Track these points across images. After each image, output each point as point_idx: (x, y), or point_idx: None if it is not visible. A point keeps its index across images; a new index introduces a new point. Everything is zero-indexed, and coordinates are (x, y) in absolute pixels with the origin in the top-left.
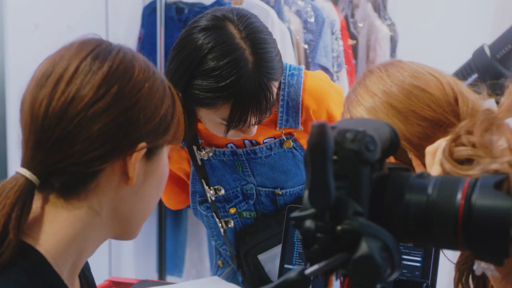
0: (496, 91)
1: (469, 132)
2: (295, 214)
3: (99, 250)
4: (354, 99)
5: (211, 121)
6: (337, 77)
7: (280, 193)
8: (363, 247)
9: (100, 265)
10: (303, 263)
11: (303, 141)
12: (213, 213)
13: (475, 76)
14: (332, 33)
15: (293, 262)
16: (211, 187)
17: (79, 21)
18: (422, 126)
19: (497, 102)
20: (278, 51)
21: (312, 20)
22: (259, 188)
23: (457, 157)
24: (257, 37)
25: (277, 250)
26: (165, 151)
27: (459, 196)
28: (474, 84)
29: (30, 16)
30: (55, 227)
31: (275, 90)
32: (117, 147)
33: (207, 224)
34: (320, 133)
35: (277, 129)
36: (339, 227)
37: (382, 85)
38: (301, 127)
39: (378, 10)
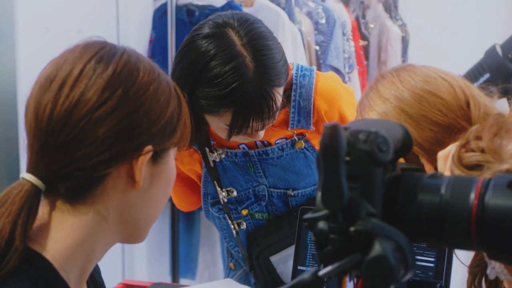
0: (508, 90)
1: (478, 138)
2: (308, 215)
3: (112, 253)
4: (366, 104)
5: (217, 127)
6: (348, 78)
7: (292, 194)
8: (377, 248)
9: (114, 268)
10: (316, 265)
11: (315, 142)
12: (226, 214)
13: (487, 75)
14: (343, 34)
15: (307, 264)
16: (224, 189)
17: (89, 25)
18: (433, 131)
19: (510, 102)
20: (283, 55)
21: (323, 21)
22: (271, 189)
23: (466, 163)
24: (258, 43)
25: (289, 251)
26: (172, 153)
27: (472, 196)
28: (486, 85)
29: (41, 20)
30: (61, 233)
31: (278, 96)
32: (122, 151)
33: (219, 226)
34: (332, 134)
35: (289, 129)
36: (352, 228)
37: (394, 90)
38: (312, 128)
39: (389, 10)
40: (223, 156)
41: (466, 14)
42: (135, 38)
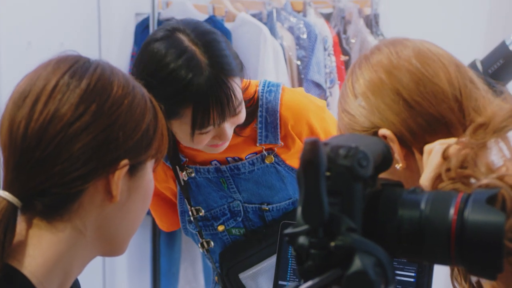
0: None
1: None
2: (289, 230)
3: (93, 268)
4: (359, 74)
5: (184, 133)
6: (330, 93)
7: (267, 208)
8: (357, 263)
9: (94, 284)
10: (297, 280)
11: (285, 156)
12: (197, 232)
13: None
14: (325, 49)
15: (287, 279)
16: (192, 208)
17: (71, 39)
18: (426, 119)
19: None
20: (234, 51)
21: (305, 36)
22: (246, 204)
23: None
24: (206, 37)
25: (258, 268)
26: (149, 166)
27: (452, 211)
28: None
29: (23, 34)
30: (39, 250)
31: (236, 87)
32: (99, 166)
33: (198, 242)
34: (312, 149)
35: (257, 145)
36: (332, 243)
37: (391, 65)
38: (281, 143)
39: (370, 26)
40: (192, 174)
41: (446, 29)
42: (117, 52)
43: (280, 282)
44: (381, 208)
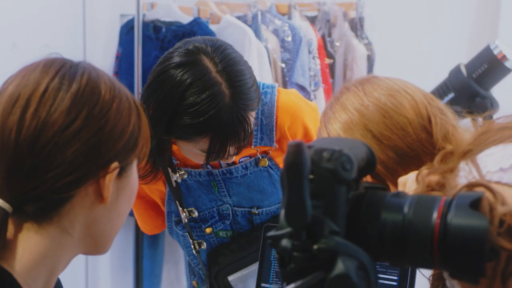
0: (473, 110)
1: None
2: (272, 233)
3: (76, 269)
4: (331, 115)
5: (190, 152)
6: (314, 96)
7: (257, 212)
8: (339, 266)
9: (77, 285)
10: (280, 282)
11: (279, 160)
12: (187, 233)
13: (451, 95)
14: (309, 52)
15: (270, 281)
16: (185, 209)
17: (56, 40)
18: (396, 152)
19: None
20: (255, 79)
21: (289, 39)
22: (235, 208)
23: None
24: (233, 69)
25: (247, 271)
26: (135, 165)
27: (435, 215)
28: (450, 106)
29: (8, 34)
30: (26, 250)
31: (252, 119)
32: (90, 170)
33: (183, 243)
34: (296, 152)
35: (252, 147)
36: (315, 246)
37: (359, 103)
38: (276, 145)
39: (355, 29)
40: (185, 176)
41: (431, 34)
42: (101, 53)
43: (263, 285)
44: (364, 211)
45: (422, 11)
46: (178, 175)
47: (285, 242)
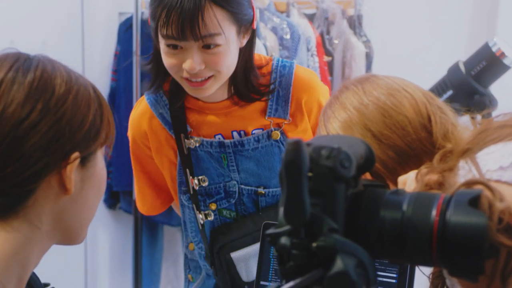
0: (472, 107)
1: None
2: (271, 231)
3: (74, 267)
4: (330, 114)
5: (165, 53)
6: None
7: (263, 192)
8: (338, 264)
9: (76, 283)
10: (279, 280)
11: (291, 135)
12: (193, 205)
13: (450, 92)
14: (308, 50)
15: (269, 279)
16: (195, 177)
17: (54, 37)
18: (396, 151)
19: (473, 118)
20: (251, 3)
21: (288, 36)
22: (242, 186)
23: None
24: None
25: (250, 249)
26: (100, 154)
27: (434, 212)
28: (449, 103)
29: (6, 32)
30: None
31: (214, 20)
32: (50, 162)
33: (188, 217)
34: (295, 149)
35: (266, 118)
36: (314, 244)
37: (358, 102)
38: (289, 118)
39: (354, 27)
40: (198, 144)
41: (429, 31)
42: (100, 51)
43: (262, 283)
44: (363, 209)
45: (421, 9)
46: (192, 141)
47: (284, 240)
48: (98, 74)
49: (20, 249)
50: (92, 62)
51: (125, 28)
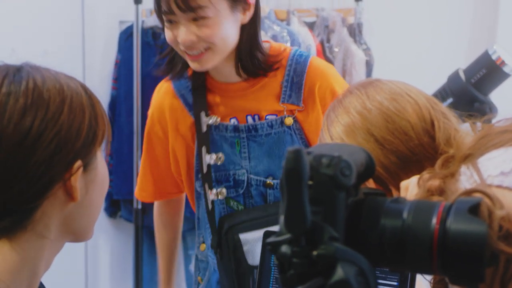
0: (471, 114)
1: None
2: (271, 239)
3: (75, 275)
4: (333, 118)
5: (166, 29)
6: None
7: (272, 183)
8: (339, 272)
9: None
10: None
11: (303, 124)
12: (205, 184)
13: (450, 100)
14: None
15: (270, 287)
16: (213, 153)
17: (55, 46)
18: (399, 156)
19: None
20: None
21: (288, 44)
22: (251, 176)
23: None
24: None
25: (259, 233)
26: (99, 154)
27: (434, 220)
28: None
29: (7, 40)
30: (3, 259)
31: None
32: (55, 175)
33: (201, 211)
34: (295, 158)
35: (280, 103)
36: (315, 252)
37: (362, 107)
38: (302, 105)
39: (354, 35)
40: (217, 122)
41: (429, 39)
42: (100, 60)
43: None
44: (363, 217)
45: (420, 17)
46: (212, 120)
47: (284, 248)
48: (99, 83)
49: (29, 259)
50: (92, 70)
51: (126, 37)
